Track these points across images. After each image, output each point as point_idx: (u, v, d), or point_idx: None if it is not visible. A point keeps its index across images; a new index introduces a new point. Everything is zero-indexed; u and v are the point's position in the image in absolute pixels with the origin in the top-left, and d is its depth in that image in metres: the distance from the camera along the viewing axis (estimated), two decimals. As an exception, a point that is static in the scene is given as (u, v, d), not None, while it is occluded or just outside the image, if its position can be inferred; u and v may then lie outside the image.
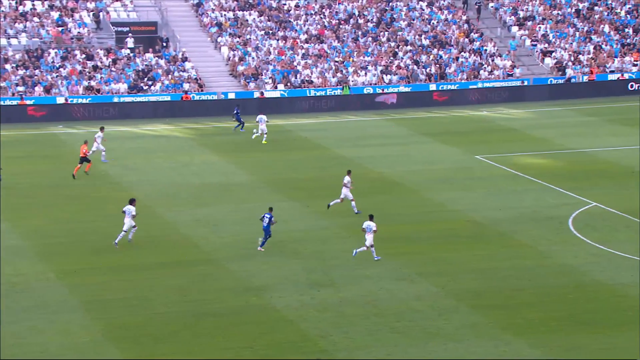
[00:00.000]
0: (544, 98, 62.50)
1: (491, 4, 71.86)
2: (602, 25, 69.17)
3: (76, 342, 26.46)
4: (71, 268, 32.32)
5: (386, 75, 64.54)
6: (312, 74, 64.26)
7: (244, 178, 44.50)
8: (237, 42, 66.16)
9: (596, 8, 71.01)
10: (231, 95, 61.86)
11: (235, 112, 54.65)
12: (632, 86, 63.26)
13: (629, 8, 70.57)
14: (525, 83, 64.35)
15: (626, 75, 64.51)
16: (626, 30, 68.73)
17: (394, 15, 70.22)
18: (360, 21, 69.54)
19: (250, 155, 48.62)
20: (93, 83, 61.12)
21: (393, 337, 27.04)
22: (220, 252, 34.29)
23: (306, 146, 51.33)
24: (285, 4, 70.39)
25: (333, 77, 64.02)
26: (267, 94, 62.08)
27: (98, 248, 34.37)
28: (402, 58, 66.12)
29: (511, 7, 71.46)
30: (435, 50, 66.96)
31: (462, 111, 60.38)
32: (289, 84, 63.42)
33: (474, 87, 63.84)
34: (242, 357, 25.92)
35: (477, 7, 69.90)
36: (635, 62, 65.75)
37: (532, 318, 28.12)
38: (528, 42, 68.67)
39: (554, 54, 67.16)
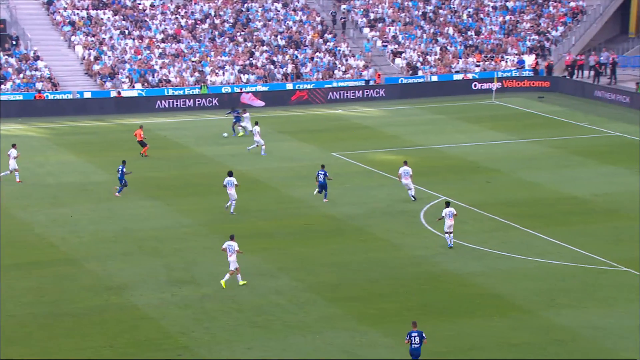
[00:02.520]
0: (395, 97, 63.87)
1: (343, 6, 72.87)
2: (446, 28, 71.29)
3: None
4: None
5: (244, 74, 64.51)
6: (169, 73, 63.55)
7: (103, 177, 43.59)
8: (92, 41, 64.70)
9: (441, 11, 73.08)
10: (87, 95, 60.42)
11: (230, 112, 53.43)
12: (475, 85, 65.44)
13: (470, 12, 73.01)
14: (378, 82, 65.62)
15: (470, 75, 66.70)
16: (469, 32, 71.06)
17: (250, 16, 70.26)
18: (217, 21, 69.24)
19: (109, 155, 47.65)
20: (-58, 82, 58.53)
21: (253, 331, 27.12)
22: (79, 251, 33.49)
23: (165, 145, 50.72)
24: (140, 4, 69.33)
25: (191, 76, 63.52)
26: (124, 93, 60.96)
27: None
28: (259, 58, 66.25)
29: (362, 10, 72.70)
30: (291, 50, 67.42)
31: (319, 110, 61.01)
32: (146, 83, 62.51)
33: (329, 86, 64.62)
34: (101, 356, 25.43)
35: (339, 20, 70.24)
36: (477, 63, 68.08)
37: (386, 308, 28.75)
38: (379, 43, 70.03)
39: (403, 54, 68.76)
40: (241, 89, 62.30)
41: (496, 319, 27.77)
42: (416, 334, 24.58)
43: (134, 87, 62.01)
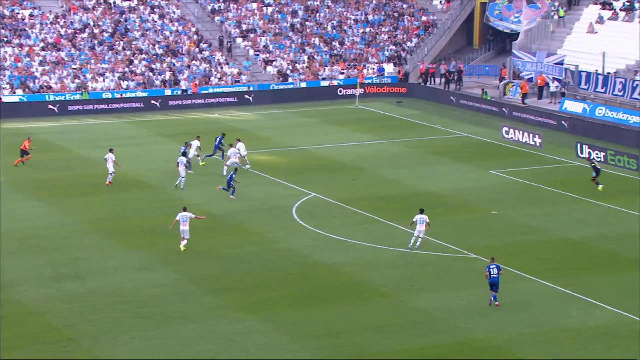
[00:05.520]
0: (268, 102, 63.95)
1: (217, 18, 72.43)
2: (313, 38, 71.92)
3: None
4: None
5: (123, 81, 63.28)
6: (50, 79, 61.65)
7: (-14, 179, 41.85)
8: (-30, 48, 62.20)
9: (307, 23, 73.68)
10: (-31, 100, 57.99)
11: (218, 140, 45.82)
12: (340, 91, 66.31)
13: (334, 24, 73.92)
14: (251, 88, 65.59)
15: (335, 82, 67.54)
16: (333, 43, 71.92)
17: (128, 26, 68.97)
18: (96, 31, 67.67)
19: (-8, 158, 45.79)
20: None
21: (136, 322, 26.64)
22: (-36, 251, 32.07)
23: (48, 148, 49.16)
24: (19, 13, 67.01)
25: (72, 82, 61.82)
26: (5, 99, 58.75)
27: None
28: (138, 65, 65.11)
29: (235, 21, 72.49)
30: (169, 58, 66.61)
31: (196, 114, 60.45)
32: (27, 89, 60.45)
33: (206, 92, 64.12)
34: (-12, 352, 24.45)
35: (227, 45, 69.47)
36: (342, 71, 69.00)
37: (261, 297, 28.76)
38: (252, 52, 69.99)
39: (274, 62, 68.95)
40: (122, 95, 61.14)
41: (362, 304, 28.20)
42: (494, 266, 27.19)
43: (14, 92, 59.86)
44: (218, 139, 46.07)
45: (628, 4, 63.62)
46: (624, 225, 35.82)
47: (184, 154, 42.31)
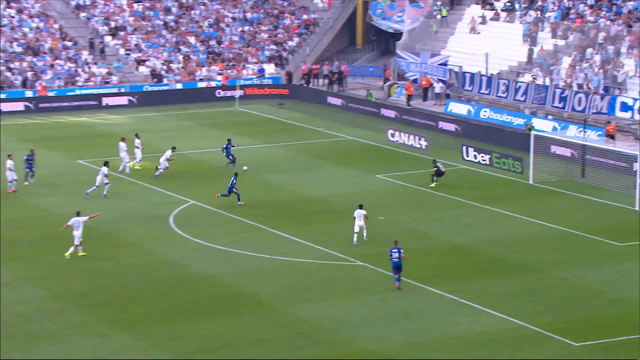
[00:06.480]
0: (141, 104, 63.11)
1: (83, 14, 70.98)
2: (188, 37, 71.44)
3: None
4: None
5: (-19, 81, 61.26)
6: None
7: None
8: None
9: (182, 21, 73.14)
10: None
11: (227, 146, 46.55)
12: (219, 93, 66.10)
13: (211, 22, 73.63)
14: (123, 90, 64.55)
15: (213, 83, 67.28)
16: (210, 42, 71.63)
17: (-17, 22, 66.87)
18: (-51, 26, 65.28)
19: None
20: None
21: (-1, 343, 25.84)
22: None
23: None
24: None
25: None
26: None
27: None
28: (-4, 64, 63.17)
29: (103, 18, 71.21)
30: (29, 57, 64.80)
31: (62, 117, 59.03)
32: None
33: (72, 93, 62.71)
34: None
35: (99, 46, 67.92)
36: (220, 71, 68.82)
37: (138, 312, 28.40)
38: (122, 51, 68.91)
39: (147, 62, 68.10)
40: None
41: (245, 316, 28.24)
42: (396, 250, 29.59)
43: None
44: (226, 146, 46.47)
45: (509, 4, 66.09)
46: (509, 229, 37.19)
47: (106, 163, 40.79)
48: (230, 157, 46.66)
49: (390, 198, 41.44)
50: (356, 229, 34.73)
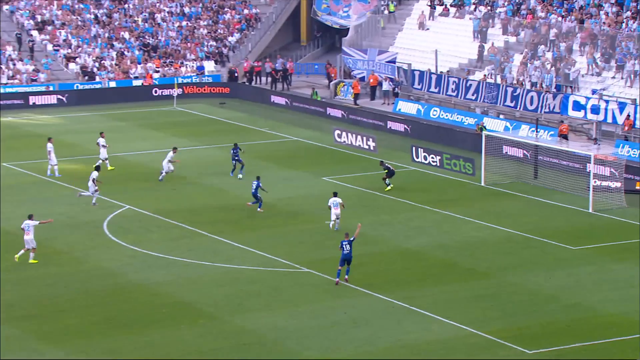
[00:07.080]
0: (72, 103, 62.21)
1: (6, 7, 69.74)
2: (122, 32, 70.66)
3: None
4: None
5: None
6: None
7: None
8: None
9: (115, 15, 72.31)
10: None
11: (233, 151, 44.90)
12: (156, 92, 65.46)
13: (146, 16, 72.92)
14: (51, 88, 63.55)
15: (150, 81, 66.64)
16: (146, 37, 70.95)
17: None
18: None
19: None
20: None
21: None
22: None
23: None
24: None
25: None
26: None
27: None
28: None
29: (28, 11, 70.05)
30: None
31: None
32: None
33: (-3, 92, 61.65)
34: None
35: (28, 44, 66.73)
36: (157, 69, 68.17)
37: (70, 324, 27.94)
38: (50, 47, 67.85)
39: (77, 59, 67.17)
40: None
41: (185, 327, 27.93)
42: (347, 242, 30.91)
43: None
44: (233, 151, 45.00)
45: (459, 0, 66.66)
46: (460, 232, 37.41)
47: (97, 168, 40.60)
48: (239, 162, 44.55)
49: (337, 201, 41.38)
50: (333, 217, 36.42)
